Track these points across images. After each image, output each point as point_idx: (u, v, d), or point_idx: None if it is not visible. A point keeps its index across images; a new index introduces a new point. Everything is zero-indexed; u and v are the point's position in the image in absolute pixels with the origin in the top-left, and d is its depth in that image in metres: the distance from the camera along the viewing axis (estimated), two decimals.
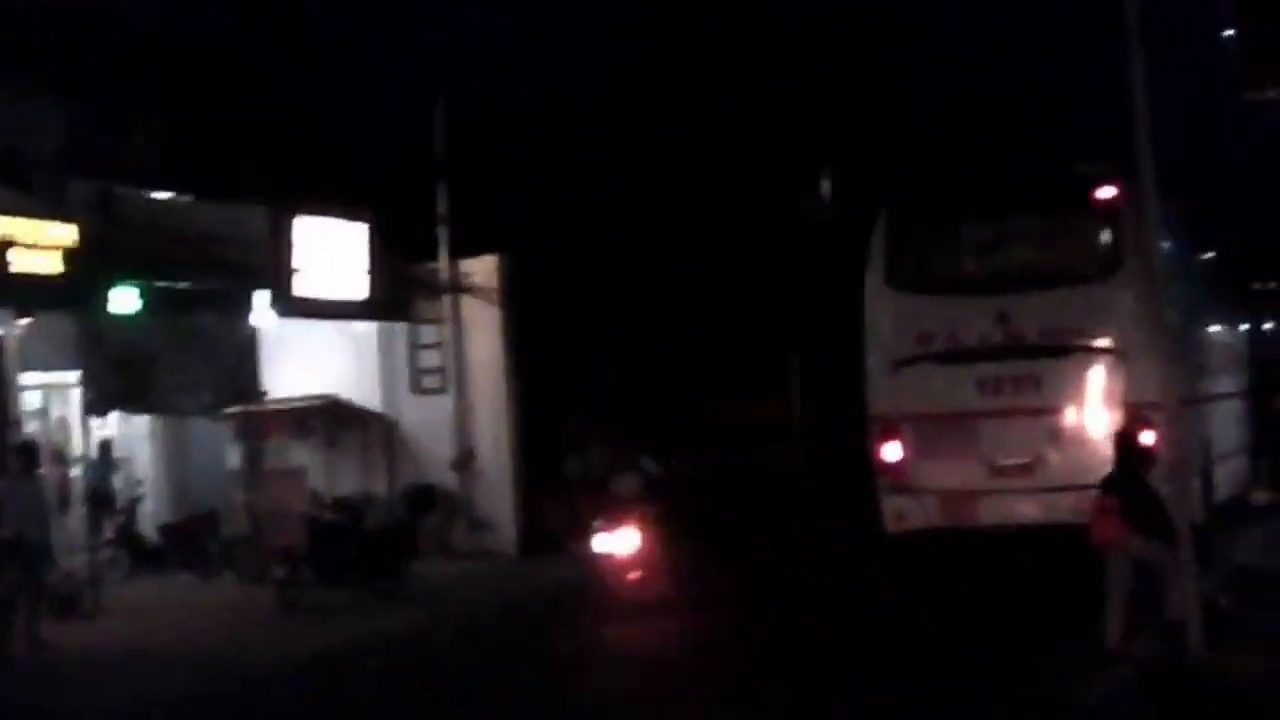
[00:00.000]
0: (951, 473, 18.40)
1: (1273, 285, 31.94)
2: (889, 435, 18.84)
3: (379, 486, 24.69)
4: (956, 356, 18.61)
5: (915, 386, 18.84)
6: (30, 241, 19.48)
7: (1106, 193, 18.34)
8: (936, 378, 18.73)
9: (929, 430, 18.62)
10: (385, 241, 24.75)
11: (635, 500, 19.86)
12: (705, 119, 30.45)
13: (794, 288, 29.39)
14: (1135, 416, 17.31)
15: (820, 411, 27.64)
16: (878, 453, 18.92)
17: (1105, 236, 18.56)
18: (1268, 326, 29.47)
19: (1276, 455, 22.59)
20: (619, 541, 18.80)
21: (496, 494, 24.98)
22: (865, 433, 19.30)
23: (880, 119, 33.44)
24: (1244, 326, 25.32)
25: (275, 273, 22.97)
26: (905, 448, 18.72)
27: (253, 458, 24.00)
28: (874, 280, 19.45)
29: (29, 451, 18.31)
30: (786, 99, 31.65)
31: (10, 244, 19.20)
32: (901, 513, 18.63)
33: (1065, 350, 18.26)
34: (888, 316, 19.32)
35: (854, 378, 19.97)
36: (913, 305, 19.18)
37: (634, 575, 18.65)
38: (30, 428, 23.31)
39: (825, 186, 32.06)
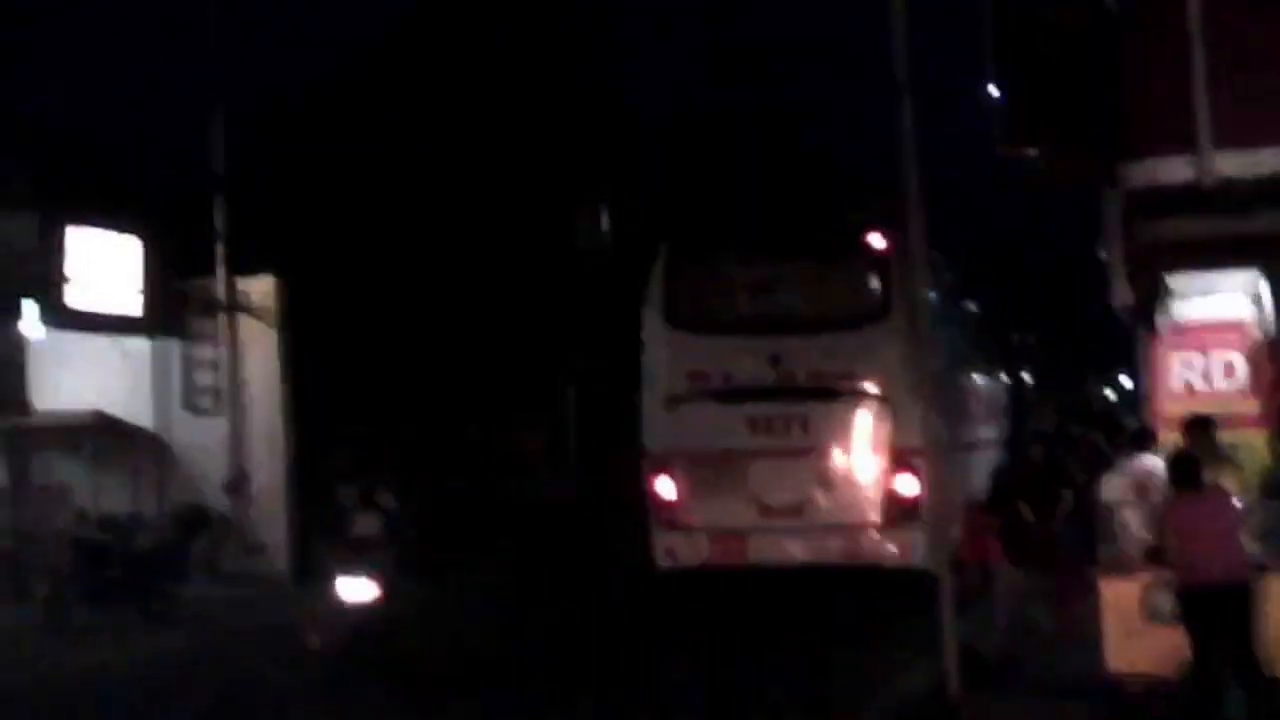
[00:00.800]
0: (722, 511, 18.72)
1: (1031, 338, 32.99)
2: (662, 471, 19.12)
3: (149, 506, 24.27)
4: (729, 395, 18.98)
5: (689, 423, 19.13)
6: None
7: (877, 240, 18.86)
8: (710, 416, 19.05)
9: (701, 468, 18.93)
10: (161, 256, 24.45)
11: (374, 543, 17.72)
12: (487, 140, 30.49)
13: (571, 317, 29.59)
14: (899, 461, 17.92)
15: (594, 443, 27.87)
16: (651, 488, 19.19)
17: (874, 283, 19.07)
18: (1026, 378, 30.41)
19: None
20: (355, 590, 16.73)
21: (269, 518, 24.78)
22: (639, 467, 19.57)
23: (660, 154, 33.85)
24: (1005, 378, 26.14)
25: (44, 282, 22.55)
26: (678, 484, 19.01)
27: (17, 472, 23.45)
28: (652, 317, 19.73)
29: None
30: (570, 125, 31.85)
31: None
32: (673, 549, 18.90)
33: (834, 393, 18.73)
34: (664, 353, 19.61)
35: (630, 410, 20.24)
36: (689, 343, 19.48)
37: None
38: None
39: (605, 218, 32.36)
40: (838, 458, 18.61)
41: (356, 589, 16.74)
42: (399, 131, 29.38)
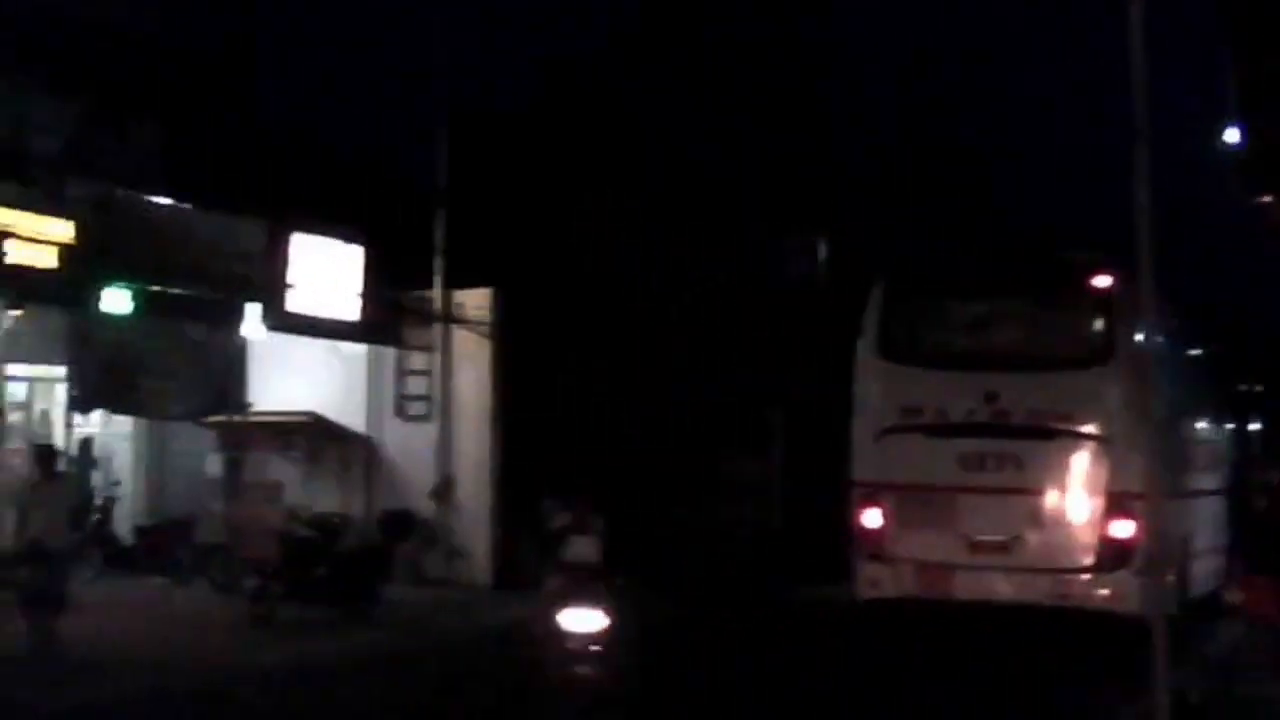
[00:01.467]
0: (929, 545, 18.49)
1: (1258, 388, 32.13)
2: (869, 502, 18.95)
3: (356, 508, 24.67)
4: (942, 430, 18.75)
5: (899, 456, 18.95)
6: (28, 235, 19.59)
7: (1102, 281, 18.51)
8: (920, 449, 18.85)
9: (909, 501, 18.73)
10: (380, 265, 24.86)
11: (594, 569, 16.75)
12: (707, 170, 30.55)
13: (784, 346, 29.44)
14: (1116, 505, 17.52)
15: (801, 473, 27.65)
16: (857, 519, 19.02)
17: (1098, 324, 18.72)
18: (1251, 427, 29.60)
19: (1252, 556, 22.72)
20: (582, 620, 15.58)
21: (473, 525, 24.99)
22: (845, 498, 19.43)
23: (882, 190, 33.63)
24: (1228, 426, 25.47)
25: (269, 286, 23.08)
26: (884, 516, 18.83)
27: (232, 468, 24.02)
28: (866, 349, 19.60)
29: (50, 455, 17.95)
30: (790, 161, 31.79)
31: (8, 235, 19.29)
32: (876, 580, 18.73)
33: (1051, 433, 18.38)
34: (877, 385, 19.46)
35: (838, 442, 20.10)
36: (902, 376, 19.32)
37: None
38: (13, 419, 23.44)
39: (822, 248, 32.20)
40: (1051, 498, 18.24)
41: (583, 619, 15.61)
42: (617, 146, 29.52)
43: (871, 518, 18.87)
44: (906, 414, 18.99)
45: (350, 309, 24.46)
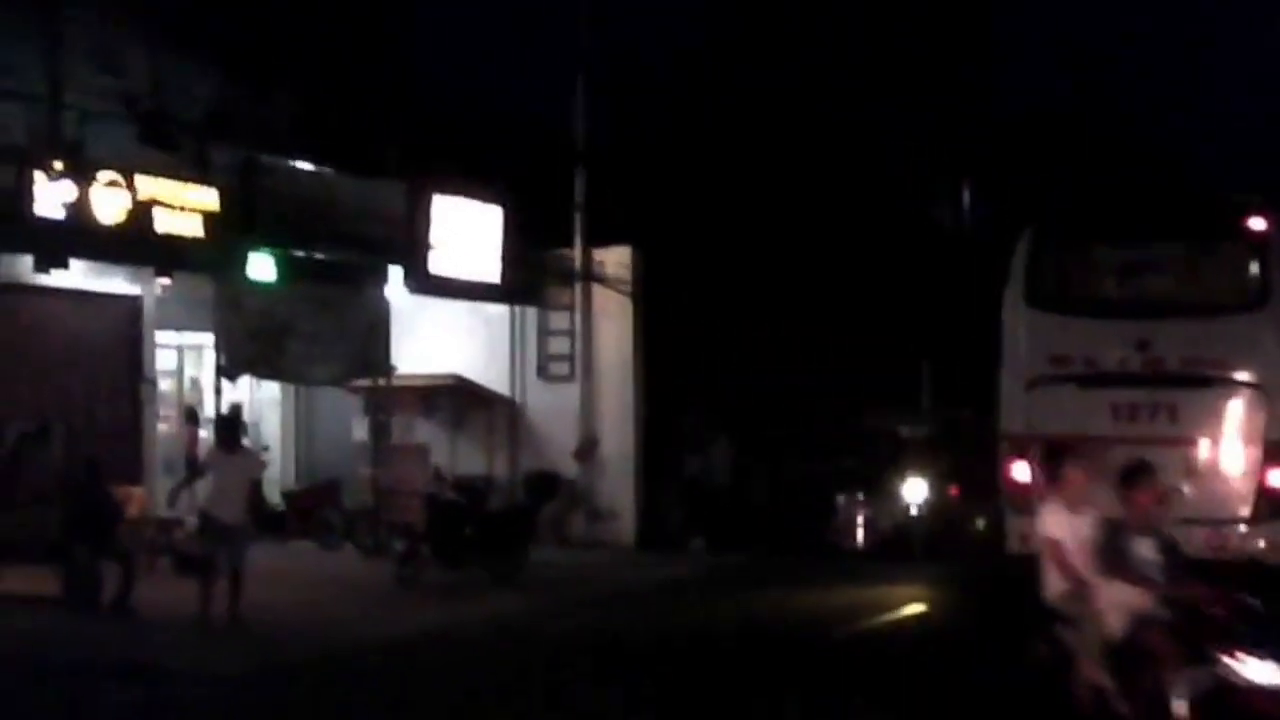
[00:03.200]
0: None
1: None
2: (1018, 455, 18.57)
3: (501, 469, 24.78)
4: (1093, 380, 18.30)
5: (1048, 407, 18.51)
6: (173, 203, 19.81)
7: (1257, 223, 17.93)
8: (1071, 400, 18.40)
9: (1060, 453, 18.32)
10: (520, 225, 24.84)
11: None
12: (849, 118, 30.20)
13: (929, 297, 29.06)
14: (1274, 454, 17.03)
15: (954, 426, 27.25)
16: (1006, 472, 18.65)
17: (1254, 268, 18.14)
18: None
19: None
20: None
21: (617, 486, 25.01)
22: (994, 450, 19.08)
23: (1027, 133, 33.04)
24: None
25: (410, 249, 23.17)
26: (1034, 469, 18.44)
27: (378, 431, 24.19)
28: (1013, 297, 19.16)
29: (231, 425, 18.03)
30: (936, 105, 31.35)
31: (155, 204, 19.52)
32: (1027, 535, 18.30)
33: (1206, 381, 17.85)
34: (1024, 335, 19.02)
35: (986, 392, 19.76)
36: (1051, 325, 18.86)
37: None
38: (163, 386, 23.76)
39: (967, 196, 31.75)
40: (1207, 448, 17.71)
41: None
42: (757, 103, 29.26)
43: (1020, 471, 18.47)
44: (1056, 363, 18.54)
45: (491, 270, 24.47)
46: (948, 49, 32.80)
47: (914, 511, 25.07)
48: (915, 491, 25.10)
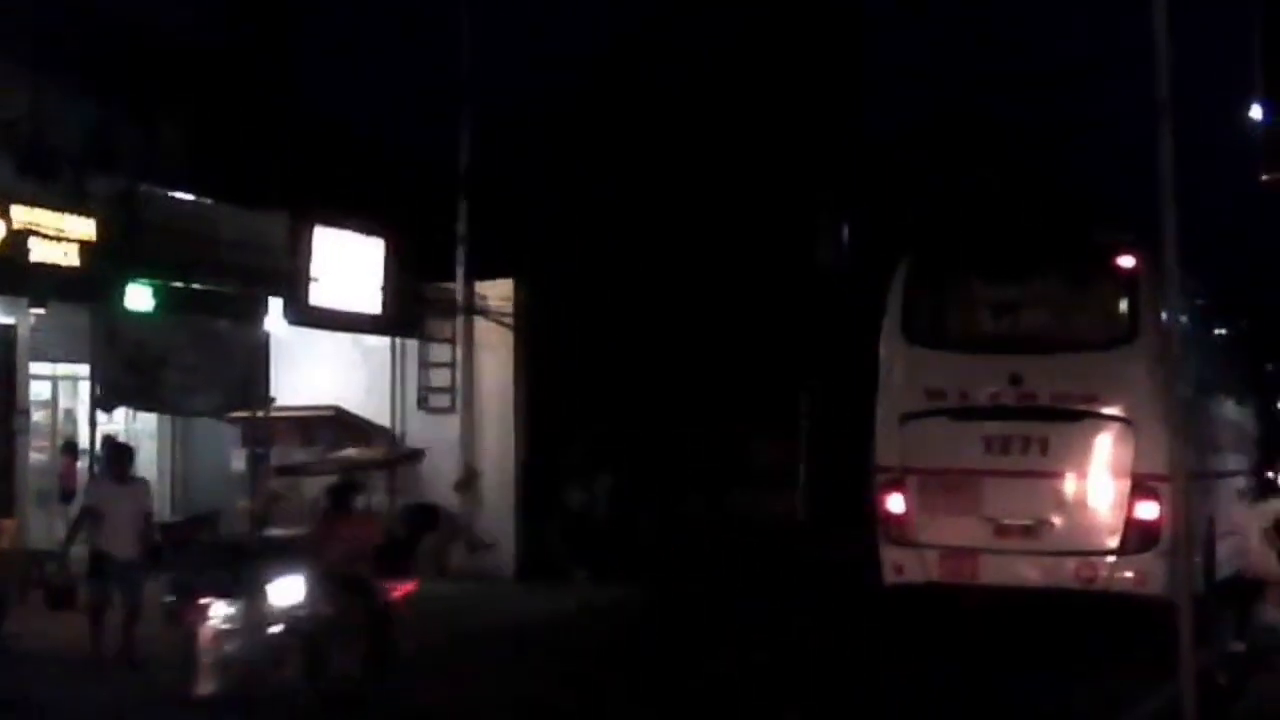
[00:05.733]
0: (954, 529, 18.40)
1: None
2: (893, 487, 18.85)
3: (380, 501, 24.63)
4: (967, 413, 18.65)
5: (923, 440, 18.85)
6: (50, 232, 19.55)
7: (1127, 261, 18.39)
8: (945, 433, 18.76)
9: (934, 485, 18.64)
10: (402, 257, 24.82)
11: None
12: (727, 153, 30.50)
13: (807, 330, 29.38)
14: (1141, 487, 17.40)
15: (825, 458, 27.60)
16: (881, 503, 18.93)
17: (1123, 305, 18.61)
18: (1278, 405, 29.39)
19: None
20: None
21: (498, 517, 24.98)
22: (869, 482, 19.35)
23: (902, 172, 33.52)
24: (1255, 405, 25.29)
25: (291, 280, 23.04)
26: (909, 500, 18.73)
27: (257, 463, 24.00)
28: (889, 331, 19.49)
29: (124, 454, 17.60)
30: (810, 142, 31.70)
31: (30, 233, 19.27)
32: (901, 565, 18.64)
33: (1076, 415, 18.26)
34: (900, 368, 19.36)
35: (862, 424, 20.04)
36: (926, 359, 19.22)
37: None
38: (37, 417, 23.46)
39: (845, 232, 32.15)
40: (1077, 481, 18.14)
41: None
42: (637, 138, 29.47)
43: (895, 502, 18.78)
44: (930, 397, 18.89)
45: (372, 301, 24.42)
46: (826, 81, 33.19)
47: None
48: None
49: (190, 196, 22.61)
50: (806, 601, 22.03)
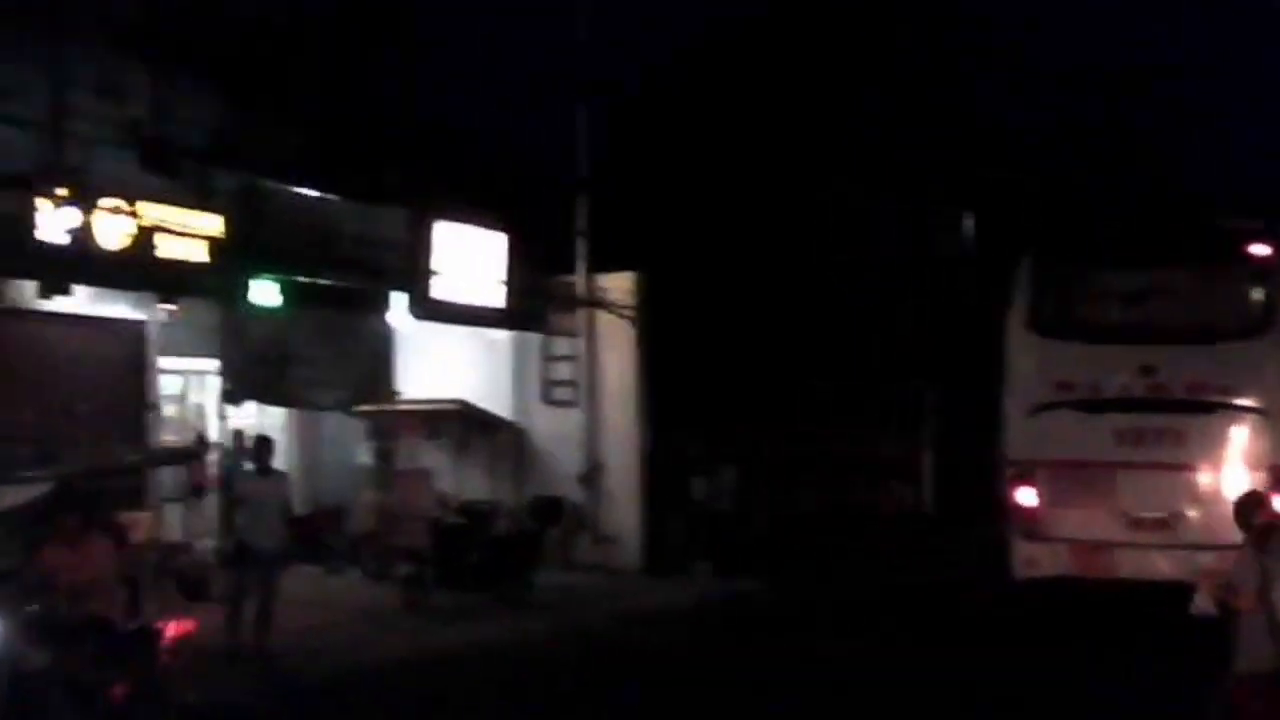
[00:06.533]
0: (1086, 523, 18.16)
1: None
2: (1024, 480, 18.62)
3: (506, 494, 24.74)
4: (1097, 406, 18.37)
5: (1053, 433, 18.60)
6: (177, 229, 19.81)
7: (1261, 250, 18.06)
8: (1075, 425, 18.49)
9: (1065, 478, 18.40)
10: (523, 252, 24.88)
11: None
12: (852, 143, 30.31)
13: (932, 322, 29.12)
14: (1278, 479, 17.05)
15: (953, 453, 27.34)
16: (1011, 497, 18.70)
17: (1257, 294, 18.27)
18: None
19: None
20: None
21: (622, 510, 24.97)
22: (998, 477, 19.13)
23: (1031, 161, 33.14)
24: None
25: (413, 275, 23.18)
26: (1040, 494, 18.49)
27: (383, 456, 24.20)
28: (1016, 323, 19.25)
29: (269, 447, 17.74)
30: (937, 136, 31.43)
31: (158, 230, 19.52)
32: (1033, 559, 18.40)
33: (1209, 407, 17.94)
34: (1029, 361, 19.11)
35: (988, 417, 19.82)
36: (1055, 351, 18.96)
37: None
38: (167, 411, 23.79)
39: (969, 224, 31.83)
40: (1211, 473, 17.81)
41: None
42: (758, 129, 29.33)
43: (1026, 496, 18.55)
44: (1059, 389, 18.64)
45: (495, 295, 24.50)
46: (951, 74, 32.92)
47: None
48: None
49: (313, 192, 22.79)
50: (931, 594, 21.85)
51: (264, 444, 17.54)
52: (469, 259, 24.07)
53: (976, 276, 27.65)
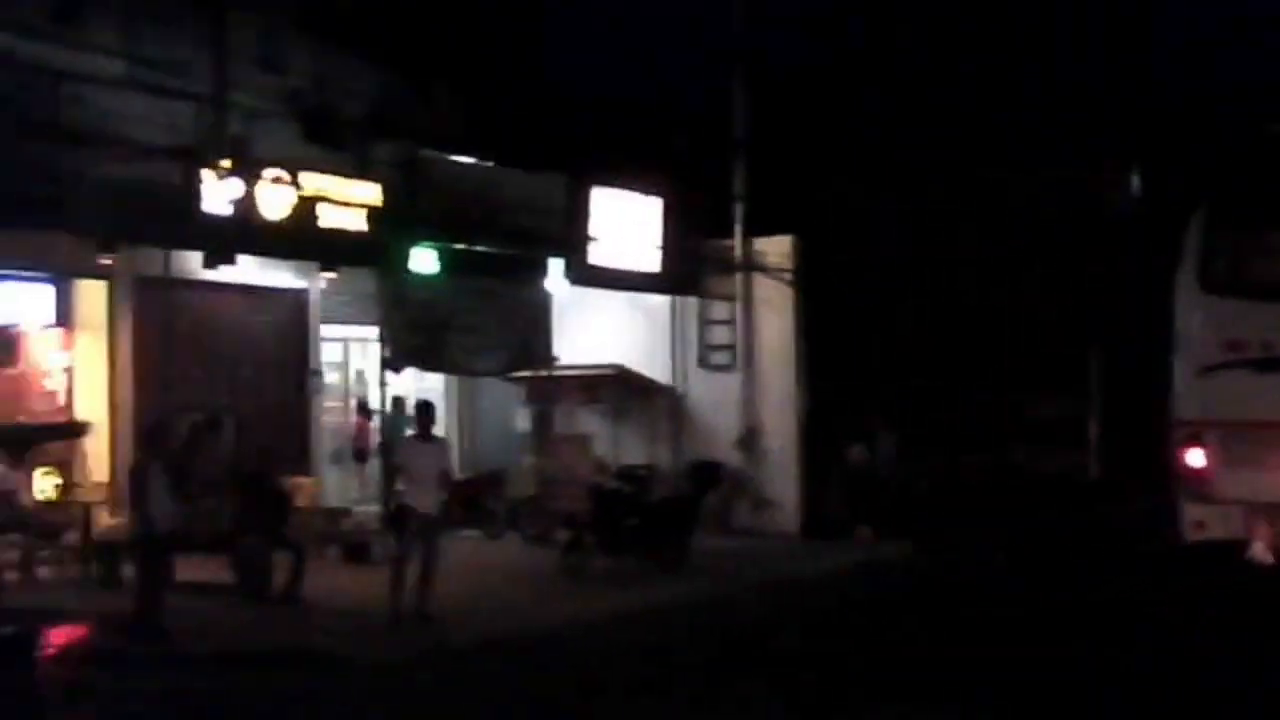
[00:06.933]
0: (1259, 484, 17.67)
1: None
2: (1193, 442, 18.16)
3: (663, 459, 24.75)
4: (1271, 364, 17.87)
5: (1224, 393, 18.09)
6: (337, 199, 20.04)
7: None
8: (1248, 385, 17.95)
9: (1237, 439, 17.90)
10: (680, 215, 24.82)
11: None
12: (1013, 103, 29.83)
13: (1098, 283, 28.56)
14: None
15: (1119, 414, 26.82)
16: (1180, 459, 18.26)
17: None
18: None
19: None
20: None
21: (780, 474, 24.87)
22: (1167, 438, 18.69)
23: (1199, 114, 32.36)
24: None
25: (570, 241, 23.26)
26: (1210, 455, 18.03)
27: (541, 422, 24.33)
28: (1185, 281, 18.74)
29: (429, 413, 17.59)
30: (1103, 89, 30.83)
31: (319, 200, 19.75)
32: (1203, 522, 17.91)
33: None
34: (1198, 319, 18.60)
35: (1155, 379, 19.39)
36: (1226, 309, 18.42)
37: None
38: (330, 378, 24.12)
39: (1136, 180, 31.14)
40: None
41: None
42: (916, 85, 28.97)
43: (1196, 457, 18.08)
44: (1231, 348, 18.13)
45: (651, 260, 24.52)
46: (1113, 28, 32.27)
47: None
48: None
49: (470, 160, 22.90)
50: (1099, 558, 21.47)
51: (425, 409, 17.59)
52: (626, 224, 24.11)
53: (1145, 235, 27.03)
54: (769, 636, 16.16)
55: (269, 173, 19.04)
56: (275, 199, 19.11)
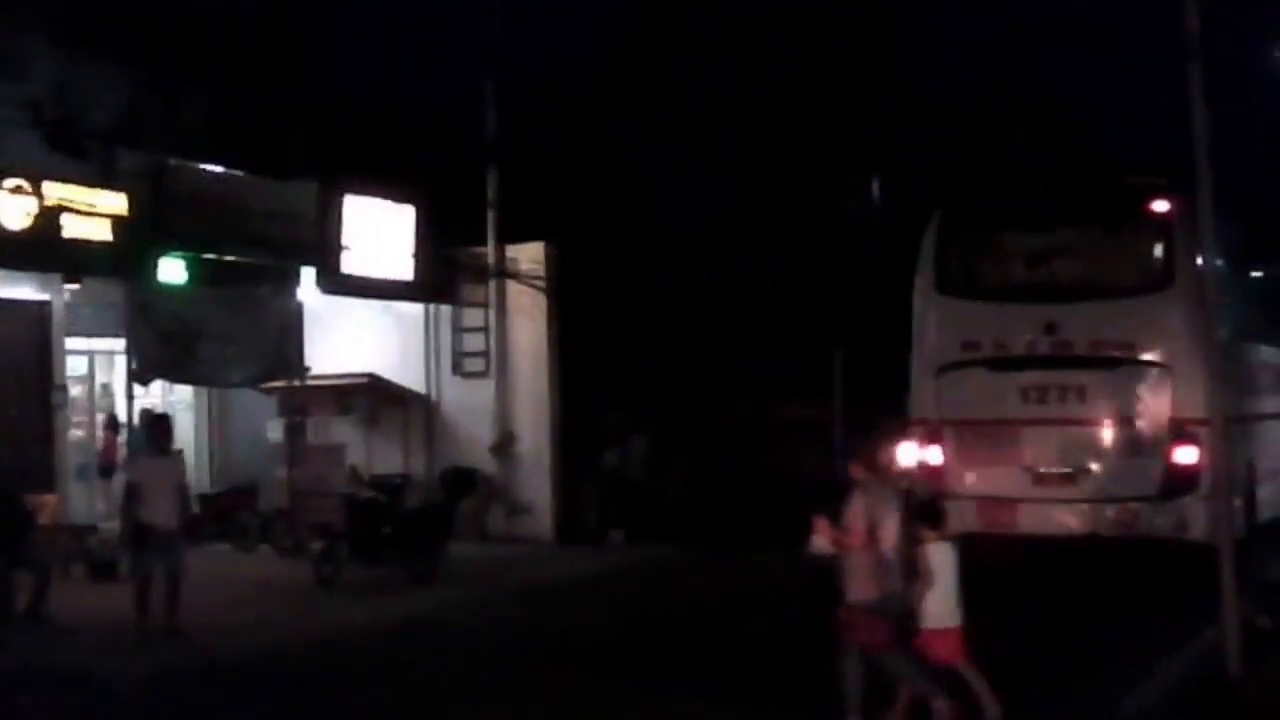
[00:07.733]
0: (992, 479, 18.38)
1: None
2: (930, 439, 18.82)
3: (418, 467, 24.73)
4: (1002, 364, 18.61)
5: (959, 392, 18.83)
6: (81, 208, 19.65)
7: (1161, 206, 18.30)
8: (981, 384, 18.72)
9: (971, 436, 18.61)
10: (432, 224, 24.83)
11: None
12: (756, 113, 30.42)
13: (842, 288, 29.26)
14: (1180, 432, 17.33)
15: (861, 414, 27.46)
16: (917, 456, 18.87)
17: (1157, 250, 18.52)
18: None
19: None
20: None
21: (535, 480, 25.01)
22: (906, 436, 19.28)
23: (933, 124, 33.38)
24: None
25: (322, 250, 23.10)
26: (946, 452, 18.70)
27: (294, 432, 24.09)
28: (923, 284, 19.46)
29: (165, 426, 17.34)
30: (842, 96, 31.59)
31: (62, 209, 19.35)
32: None
33: (1113, 362, 18.20)
34: (935, 321, 19.32)
35: (897, 380, 20.01)
36: (960, 311, 19.17)
37: None
38: (75, 392, 23.59)
39: (875, 185, 32.00)
40: (1115, 428, 18.09)
41: None
42: (668, 97, 29.37)
43: (932, 455, 18.74)
44: (965, 348, 18.86)
45: (405, 268, 24.47)
46: (855, 39, 33.08)
47: None
48: None
49: (219, 169, 22.63)
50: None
51: (159, 423, 17.34)
52: (379, 232, 24.03)
53: (886, 241, 27.80)
54: (526, 642, 16.25)
55: (9, 182, 18.60)
56: (16, 208, 18.69)
